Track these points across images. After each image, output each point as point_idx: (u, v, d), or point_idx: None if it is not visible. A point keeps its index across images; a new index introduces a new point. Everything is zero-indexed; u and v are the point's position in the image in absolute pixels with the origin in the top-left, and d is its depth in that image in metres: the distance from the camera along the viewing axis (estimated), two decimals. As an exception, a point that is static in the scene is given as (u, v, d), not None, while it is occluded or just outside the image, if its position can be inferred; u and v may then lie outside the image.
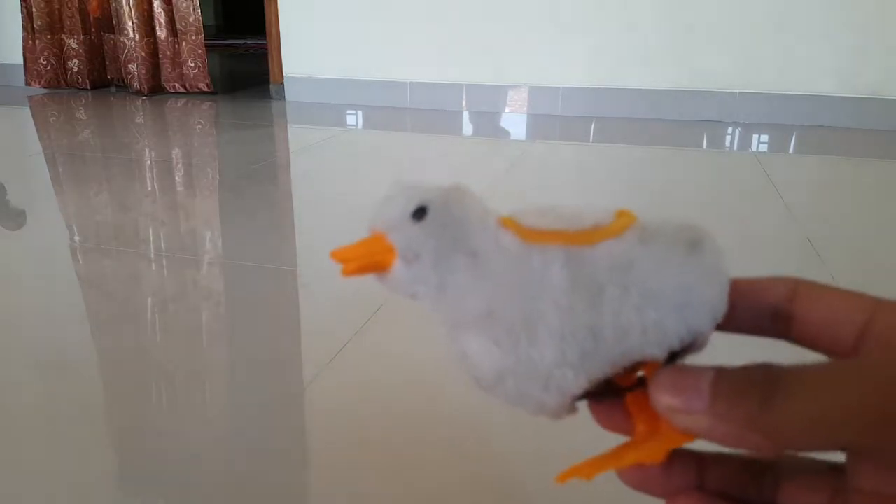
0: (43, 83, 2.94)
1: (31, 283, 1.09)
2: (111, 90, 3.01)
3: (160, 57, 2.86)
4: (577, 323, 0.19)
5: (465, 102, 2.60)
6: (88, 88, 2.98)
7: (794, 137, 2.19)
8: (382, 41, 2.62)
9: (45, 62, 2.92)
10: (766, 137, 2.18)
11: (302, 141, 2.17)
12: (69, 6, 2.90)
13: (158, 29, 2.82)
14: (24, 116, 2.57)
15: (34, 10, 2.86)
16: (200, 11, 2.79)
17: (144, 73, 2.82)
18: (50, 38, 2.91)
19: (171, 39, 2.83)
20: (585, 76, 2.46)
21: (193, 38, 2.81)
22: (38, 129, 2.37)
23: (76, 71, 2.96)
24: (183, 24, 2.80)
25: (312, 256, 1.18)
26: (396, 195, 0.20)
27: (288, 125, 2.43)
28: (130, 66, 2.83)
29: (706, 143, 2.14)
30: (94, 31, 2.97)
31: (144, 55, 2.81)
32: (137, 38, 2.79)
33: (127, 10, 2.77)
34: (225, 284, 1.09)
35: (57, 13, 2.91)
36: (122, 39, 2.83)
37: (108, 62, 3.00)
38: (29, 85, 2.94)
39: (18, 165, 1.83)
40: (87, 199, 1.50)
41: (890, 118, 2.24)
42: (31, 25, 2.88)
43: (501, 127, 2.42)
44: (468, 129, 2.39)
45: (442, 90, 2.60)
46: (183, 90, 2.88)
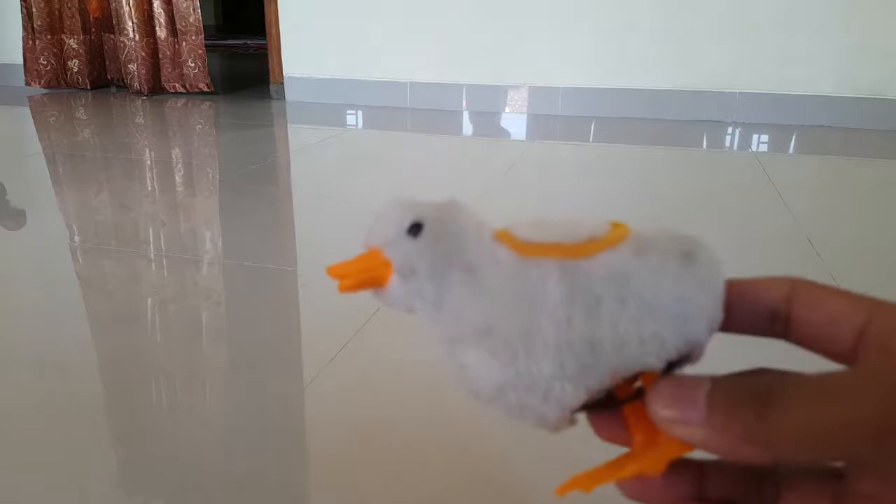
0: (43, 83, 2.94)
1: (31, 283, 1.09)
2: (111, 90, 3.02)
3: (160, 57, 2.86)
4: (574, 335, 0.19)
5: (464, 102, 2.59)
6: (88, 88, 2.98)
7: (794, 137, 2.19)
8: (382, 41, 2.62)
9: (45, 62, 2.92)
10: (766, 137, 2.18)
11: (302, 141, 2.17)
12: (69, 6, 2.90)
13: (158, 29, 2.82)
14: (23, 116, 2.57)
15: (34, 10, 2.86)
16: (200, 11, 2.79)
17: (144, 73, 2.82)
18: (50, 38, 2.91)
19: (171, 39, 2.83)
20: (585, 76, 2.46)
21: (193, 38, 2.81)
22: (37, 129, 2.37)
23: (76, 71, 2.96)
24: (183, 24, 2.80)
25: (312, 256, 1.18)
26: (391, 211, 0.20)
27: (288, 125, 2.43)
28: (130, 66, 2.83)
29: (706, 143, 2.14)
30: (94, 31, 2.97)
31: (144, 55, 2.81)
32: (137, 38, 2.79)
33: (127, 10, 2.77)
34: (225, 284, 1.09)
35: (57, 13, 2.91)
36: (122, 39, 2.83)
37: (108, 62, 3.00)
38: (29, 85, 2.94)
39: (18, 165, 1.83)
40: (86, 199, 1.50)
41: (890, 118, 2.24)
42: (31, 25, 2.88)
43: (501, 127, 2.42)
44: (468, 129, 2.39)
45: (442, 90, 2.60)
46: (183, 90, 2.88)
